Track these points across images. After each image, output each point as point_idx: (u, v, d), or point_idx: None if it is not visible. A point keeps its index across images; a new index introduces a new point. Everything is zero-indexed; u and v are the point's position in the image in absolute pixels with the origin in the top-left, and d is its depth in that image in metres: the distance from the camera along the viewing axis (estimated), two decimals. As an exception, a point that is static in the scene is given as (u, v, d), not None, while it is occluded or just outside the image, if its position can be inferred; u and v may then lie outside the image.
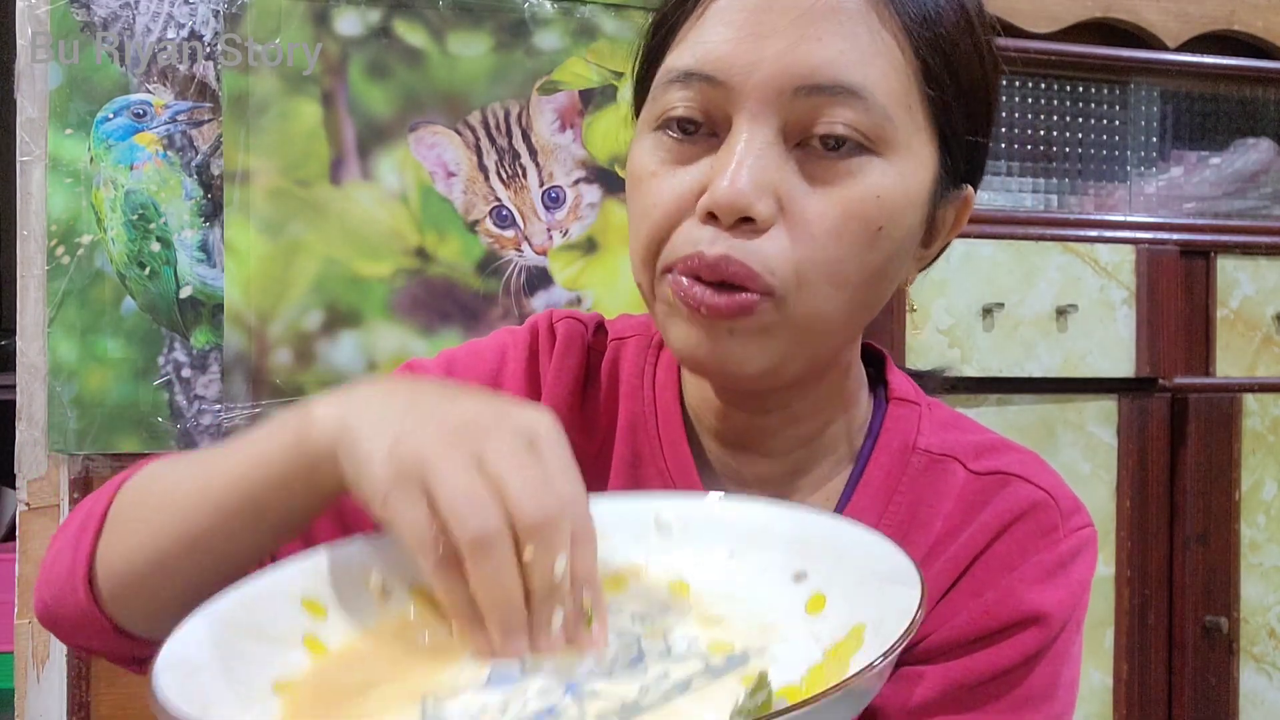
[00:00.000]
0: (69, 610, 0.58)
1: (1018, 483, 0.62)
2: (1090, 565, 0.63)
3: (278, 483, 0.51)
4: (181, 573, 0.54)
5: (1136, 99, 1.57)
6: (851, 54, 0.53)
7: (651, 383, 0.67)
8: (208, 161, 1.12)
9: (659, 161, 0.57)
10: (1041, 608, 0.60)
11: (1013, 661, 0.60)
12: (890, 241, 0.56)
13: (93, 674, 1.10)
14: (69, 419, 1.08)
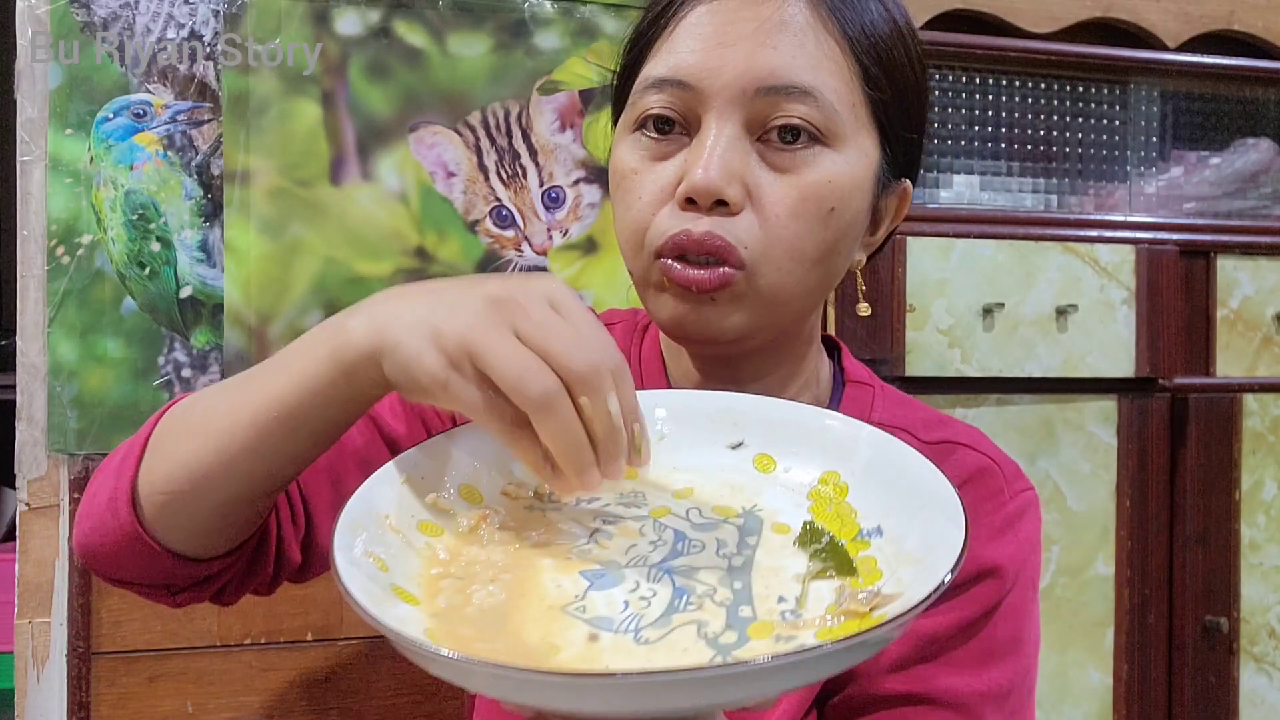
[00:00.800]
0: (110, 535, 0.62)
1: (964, 450, 0.71)
2: (1035, 524, 0.70)
3: (316, 394, 0.55)
4: (223, 487, 0.59)
5: (1136, 99, 1.57)
6: (802, 59, 0.63)
7: (638, 359, 0.75)
8: (208, 161, 1.12)
9: (639, 159, 0.66)
10: (995, 561, 0.67)
11: (974, 614, 0.66)
12: (841, 221, 0.65)
13: (93, 674, 1.10)
14: (69, 419, 1.08)
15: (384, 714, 1.18)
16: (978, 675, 0.67)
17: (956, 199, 1.49)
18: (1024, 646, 0.69)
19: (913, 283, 1.35)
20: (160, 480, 0.61)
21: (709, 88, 0.63)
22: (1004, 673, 0.68)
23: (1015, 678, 0.68)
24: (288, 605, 1.15)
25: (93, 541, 0.64)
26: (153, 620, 1.11)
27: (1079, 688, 1.43)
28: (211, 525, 0.61)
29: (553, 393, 0.48)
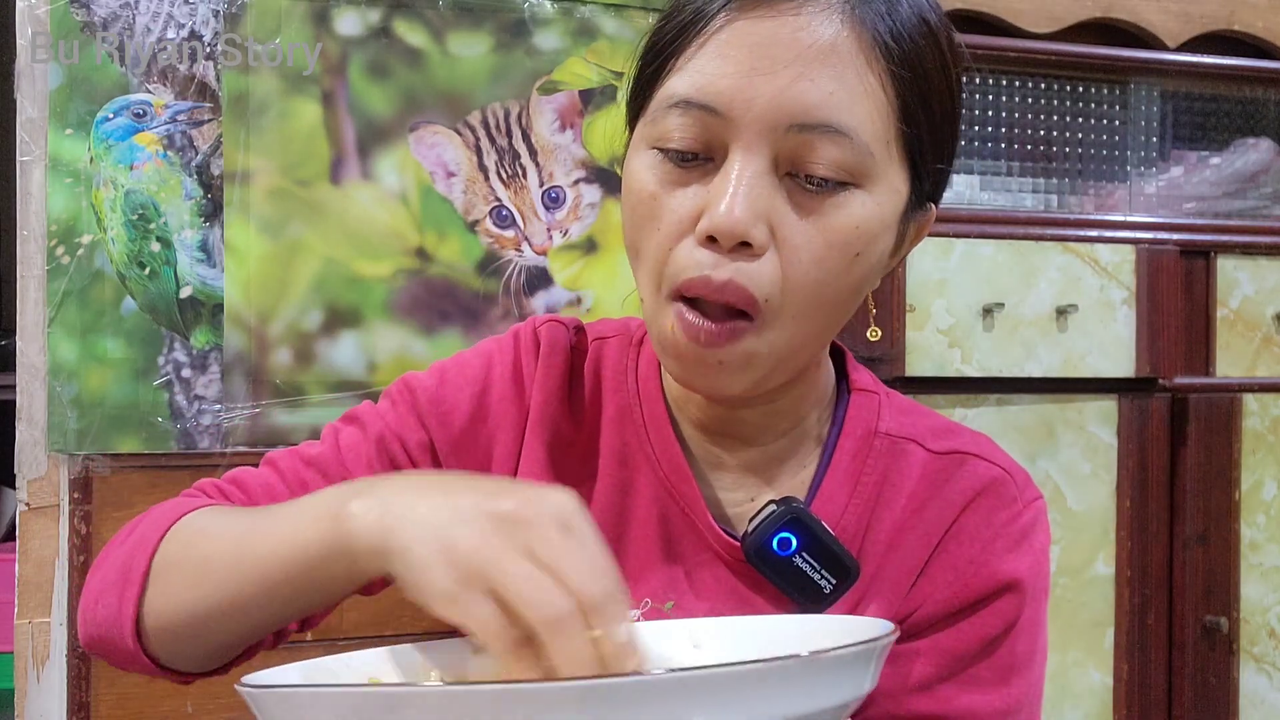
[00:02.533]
0: (118, 651, 0.63)
1: (975, 460, 0.69)
2: (1046, 534, 0.69)
3: (317, 566, 0.54)
4: (224, 630, 0.60)
5: (1136, 99, 1.57)
6: (841, 95, 0.59)
7: (635, 376, 0.72)
8: (208, 161, 1.12)
9: (658, 182, 0.61)
10: (1014, 575, 0.66)
11: (996, 629, 0.65)
12: (865, 264, 0.62)
13: (93, 674, 1.10)
14: (69, 419, 1.08)
15: (384, 714, 1.18)
16: (998, 692, 0.66)
17: (956, 199, 1.49)
18: (1037, 658, 0.68)
19: (912, 283, 1.35)
20: (164, 617, 0.61)
21: (739, 118, 0.59)
22: (1021, 688, 0.67)
23: (1031, 691, 0.68)
24: (288, 605, 1.15)
25: (102, 647, 0.64)
26: (153, 620, 1.11)
27: (1079, 687, 1.43)
28: (215, 656, 0.62)
29: (565, 614, 0.47)
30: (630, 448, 0.69)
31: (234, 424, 1.12)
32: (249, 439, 1.12)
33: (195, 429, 1.11)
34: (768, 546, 0.65)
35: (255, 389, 1.13)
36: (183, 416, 1.11)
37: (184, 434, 1.11)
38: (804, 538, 0.65)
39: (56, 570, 1.09)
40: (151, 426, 1.10)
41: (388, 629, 1.18)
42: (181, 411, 1.11)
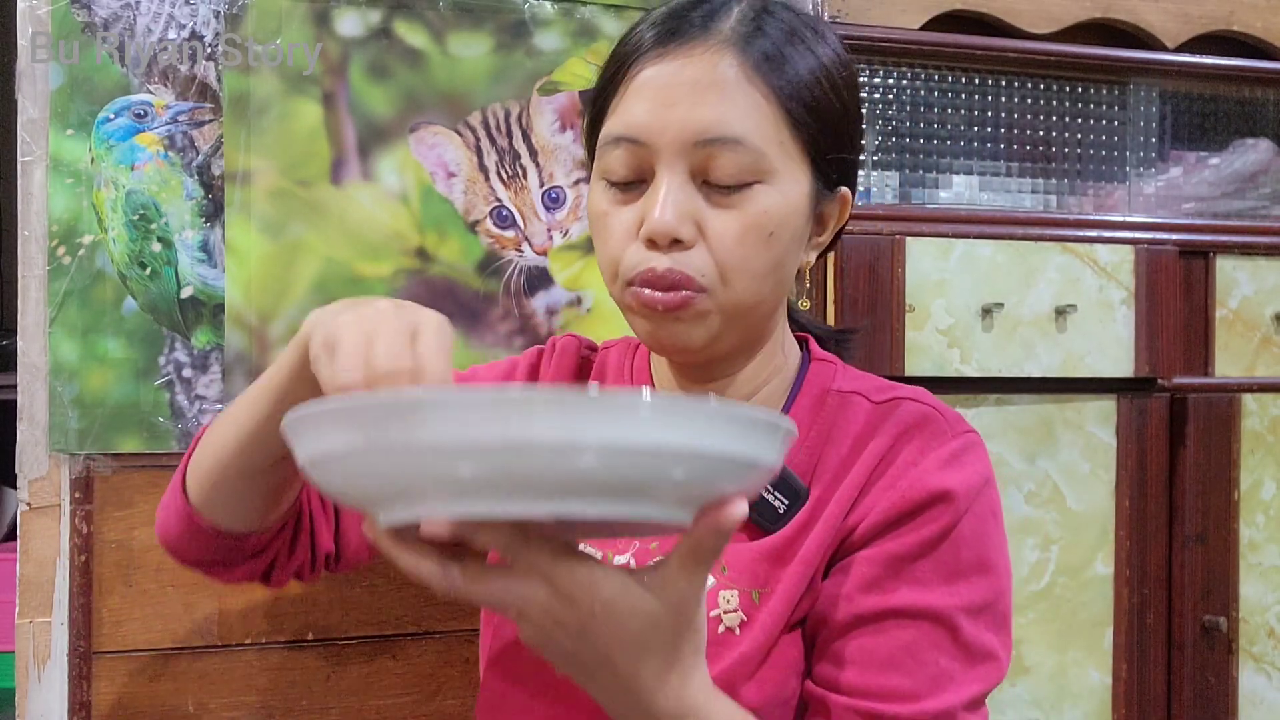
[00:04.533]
0: (173, 521, 0.83)
1: (908, 402, 0.81)
2: (983, 461, 0.79)
3: (294, 377, 0.70)
4: (240, 458, 0.76)
5: (1136, 99, 1.57)
6: (732, 113, 0.74)
7: (630, 371, 0.90)
8: (209, 162, 1.12)
9: (608, 204, 0.78)
10: (945, 486, 0.75)
11: (933, 534, 0.74)
12: (781, 241, 0.76)
13: (93, 674, 1.10)
14: (70, 419, 1.08)
15: (384, 714, 1.18)
16: (948, 590, 0.73)
17: (956, 199, 1.49)
18: (993, 571, 0.76)
19: (912, 283, 1.35)
20: (198, 467, 0.80)
21: (658, 143, 0.74)
22: (976, 590, 0.74)
23: (990, 596, 0.75)
24: (288, 605, 1.15)
25: (163, 531, 0.86)
26: (153, 620, 1.11)
27: (1078, 687, 1.43)
28: (239, 495, 0.79)
29: (355, 383, 0.59)
30: None
31: (235, 424, 1.12)
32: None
33: (196, 429, 1.11)
34: None
35: (256, 389, 1.13)
36: (184, 416, 1.11)
37: (185, 434, 1.11)
38: None
39: (57, 570, 1.09)
40: (153, 426, 1.10)
41: (388, 629, 1.18)
42: (183, 411, 1.11)
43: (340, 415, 0.51)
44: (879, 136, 1.47)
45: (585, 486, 0.49)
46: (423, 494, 0.51)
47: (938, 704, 0.71)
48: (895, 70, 1.47)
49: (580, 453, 0.48)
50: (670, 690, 0.60)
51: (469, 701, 1.20)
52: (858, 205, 1.41)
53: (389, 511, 0.53)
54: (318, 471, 0.54)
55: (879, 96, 1.47)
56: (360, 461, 0.51)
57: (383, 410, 0.49)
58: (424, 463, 0.49)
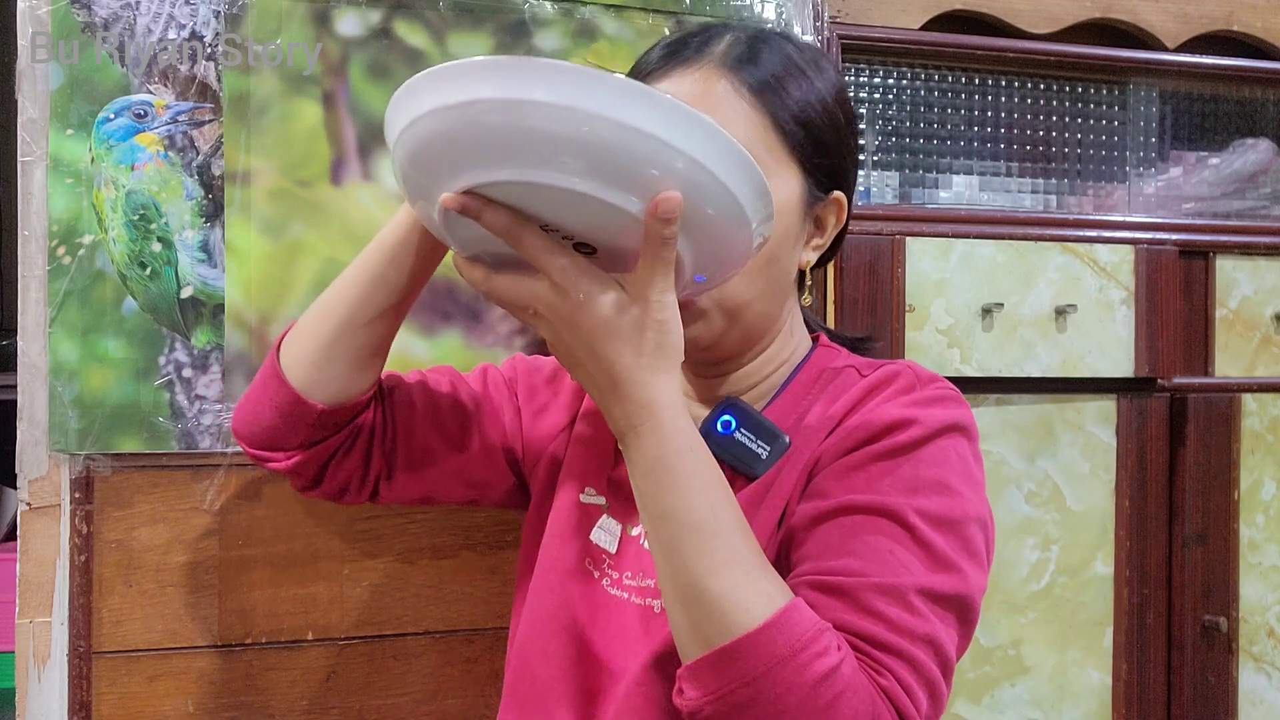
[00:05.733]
0: (258, 389, 0.91)
1: (888, 366, 0.84)
2: (956, 412, 0.80)
3: (405, 238, 0.87)
4: (335, 312, 0.88)
5: (1135, 99, 1.57)
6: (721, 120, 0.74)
7: None
8: (209, 162, 1.12)
9: None
10: (904, 415, 0.77)
11: (890, 448, 0.76)
12: (773, 242, 0.81)
13: (93, 674, 1.10)
14: (70, 419, 1.08)
15: (384, 714, 1.18)
16: (905, 497, 0.74)
17: (956, 199, 1.49)
18: (956, 495, 0.76)
19: (912, 283, 1.35)
20: (298, 330, 0.90)
21: None
22: (934, 504, 0.74)
23: (951, 514, 0.75)
24: (288, 605, 1.15)
25: (239, 409, 0.94)
26: (154, 620, 1.11)
27: (1078, 687, 1.44)
28: (328, 352, 0.88)
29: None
30: None
31: (235, 424, 1.12)
32: (250, 439, 1.12)
33: (196, 429, 1.11)
34: (713, 428, 0.84)
35: (256, 389, 1.13)
36: (184, 416, 1.11)
37: (185, 434, 1.11)
38: (740, 417, 0.84)
39: (57, 570, 1.09)
40: (153, 426, 1.10)
41: (388, 629, 1.18)
42: (183, 411, 1.11)
43: (425, 80, 0.63)
44: (879, 136, 1.47)
45: (548, 151, 0.61)
46: (453, 163, 0.64)
47: (887, 580, 0.70)
48: (895, 70, 1.47)
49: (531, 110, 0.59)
50: (639, 380, 0.69)
51: (469, 701, 1.20)
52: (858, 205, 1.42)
53: (442, 184, 0.66)
54: (406, 137, 0.65)
55: (879, 96, 1.47)
56: (426, 125, 0.63)
57: (446, 73, 0.62)
58: (454, 121, 0.62)
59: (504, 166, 0.63)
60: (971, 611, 0.74)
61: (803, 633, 0.65)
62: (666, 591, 0.70)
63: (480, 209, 0.65)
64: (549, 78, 0.59)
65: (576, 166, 0.62)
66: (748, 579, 0.67)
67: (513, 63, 0.60)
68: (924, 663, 0.69)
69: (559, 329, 0.69)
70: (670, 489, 0.69)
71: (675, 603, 0.69)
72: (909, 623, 0.69)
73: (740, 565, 0.67)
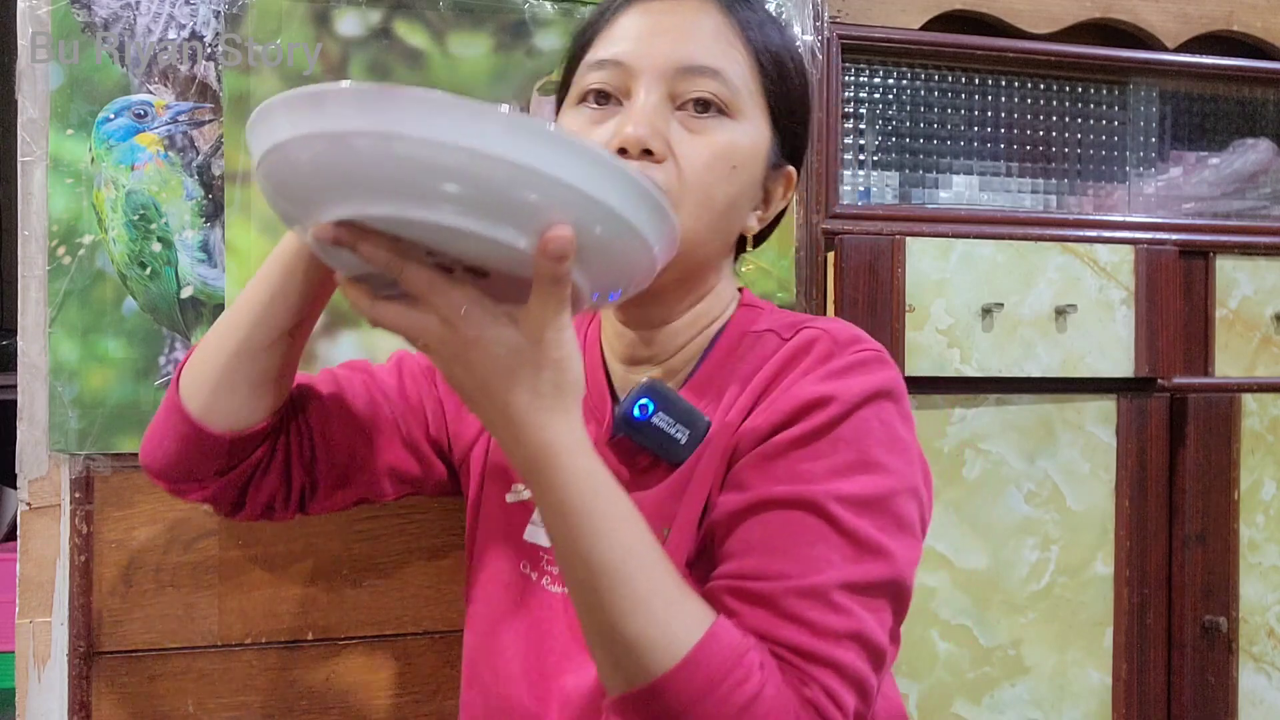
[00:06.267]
0: (161, 423, 0.86)
1: (807, 330, 0.81)
2: (876, 376, 0.77)
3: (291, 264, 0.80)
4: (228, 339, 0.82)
5: (1135, 99, 1.57)
6: (713, 49, 0.81)
7: (583, 336, 0.93)
8: (209, 162, 1.12)
9: (582, 123, 0.82)
10: (822, 393, 0.75)
11: (806, 431, 0.74)
12: (741, 179, 0.82)
13: (93, 674, 1.10)
14: (70, 419, 1.08)
15: (384, 714, 1.18)
16: (824, 484, 0.72)
17: (956, 199, 1.49)
18: (880, 469, 0.74)
19: (912, 283, 1.35)
20: (194, 362, 0.85)
21: (640, 66, 0.80)
22: (856, 485, 0.72)
23: (875, 492, 0.73)
24: (288, 605, 1.15)
25: (146, 443, 0.88)
26: (153, 620, 1.11)
27: (1078, 687, 1.44)
28: (232, 381, 0.82)
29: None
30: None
31: (235, 424, 1.12)
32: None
33: (196, 429, 1.11)
34: (630, 413, 0.81)
35: (256, 389, 1.13)
36: (184, 416, 1.11)
37: (185, 434, 1.11)
38: (659, 401, 0.81)
39: (57, 570, 1.09)
40: (152, 426, 1.10)
41: (388, 629, 1.18)
42: (182, 411, 1.11)
43: (281, 106, 0.57)
44: (879, 136, 1.47)
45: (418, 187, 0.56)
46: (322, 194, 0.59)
47: (807, 581, 0.69)
48: (895, 70, 1.47)
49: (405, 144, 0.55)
50: (537, 423, 0.65)
51: (469, 701, 1.20)
52: (857, 205, 1.42)
53: (313, 213, 0.61)
54: (266, 165, 0.60)
55: (879, 96, 1.47)
56: (286, 153, 0.58)
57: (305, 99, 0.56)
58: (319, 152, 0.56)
59: (378, 202, 0.57)
60: (904, 590, 0.74)
61: (721, 663, 0.65)
62: (585, 628, 0.68)
63: (356, 240, 0.60)
64: (419, 109, 0.54)
65: (456, 203, 0.56)
66: (666, 614, 0.66)
67: (381, 91, 0.55)
68: (849, 664, 0.69)
69: (451, 365, 0.65)
70: (579, 532, 0.66)
71: (594, 641, 0.68)
72: (832, 623, 0.69)
73: (657, 600, 0.66)
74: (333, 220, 0.59)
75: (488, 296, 0.63)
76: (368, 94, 0.55)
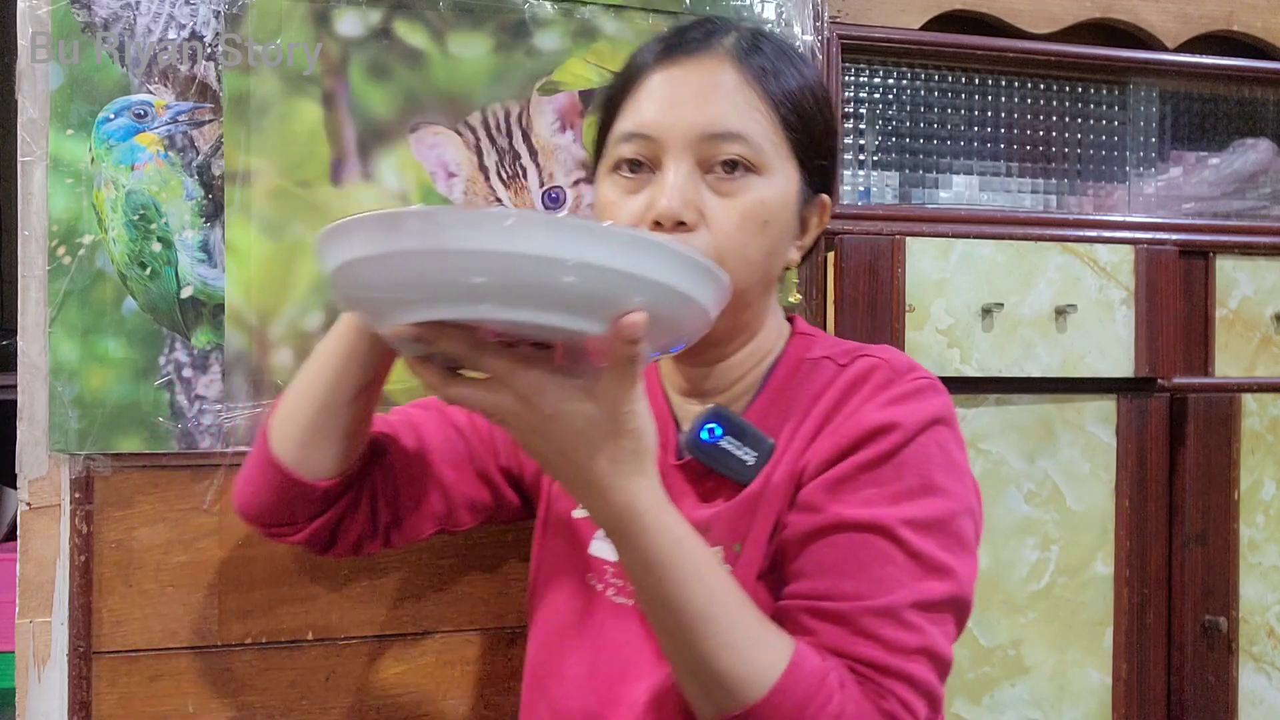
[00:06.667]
0: (253, 472, 0.91)
1: (864, 358, 0.86)
2: (934, 404, 0.82)
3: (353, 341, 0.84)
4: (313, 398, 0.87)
5: (1135, 99, 1.57)
6: (733, 112, 0.83)
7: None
8: (209, 162, 1.12)
9: (617, 194, 0.86)
10: (885, 420, 0.79)
11: (872, 457, 0.78)
12: (774, 230, 0.85)
13: (93, 674, 1.10)
14: (70, 419, 1.08)
15: (384, 714, 1.18)
16: (891, 507, 0.77)
17: (955, 199, 1.49)
18: (941, 493, 0.78)
19: (912, 283, 1.35)
20: (282, 415, 0.90)
21: (666, 138, 0.83)
22: (920, 508, 0.77)
23: (938, 514, 0.77)
24: (288, 605, 1.15)
25: (239, 491, 0.94)
26: (153, 620, 1.11)
27: (1078, 687, 1.43)
28: (318, 433, 0.87)
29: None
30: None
31: (235, 424, 1.12)
32: (250, 439, 1.12)
33: (196, 429, 1.11)
34: (698, 438, 0.85)
35: (256, 389, 1.13)
36: (184, 416, 1.11)
37: (185, 434, 1.11)
38: (725, 425, 0.85)
39: (57, 570, 1.09)
40: (153, 426, 1.10)
41: (388, 629, 1.18)
42: (183, 411, 1.11)
43: (350, 227, 0.61)
44: (879, 136, 1.47)
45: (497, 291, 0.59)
46: (394, 301, 0.62)
47: (881, 601, 0.74)
48: (895, 70, 1.47)
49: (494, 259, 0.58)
50: (618, 486, 0.69)
51: (469, 701, 1.20)
52: (857, 205, 1.42)
53: (386, 319, 0.64)
54: (338, 278, 0.64)
55: (879, 96, 1.47)
56: (360, 269, 0.61)
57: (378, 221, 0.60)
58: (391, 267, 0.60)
59: (456, 307, 0.61)
60: (966, 604, 0.78)
61: (806, 689, 0.70)
62: (674, 665, 0.74)
63: (434, 338, 0.64)
64: (486, 226, 0.57)
65: (535, 305, 0.60)
66: (751, 651, 0.71)
67: (443, 213, 0.58)
68: (922, 677, 0.74)
69: (529, 436, 0.69)
70: (665, 582, 0.71)
71: (683, 676, 0.73)
72: (904, 640, 0.74)
73: (741, 639, 0.71)
74: (408, 323, 0.63)
75: (552, 364, 0.67)
76: (441, 216, 0.58)
